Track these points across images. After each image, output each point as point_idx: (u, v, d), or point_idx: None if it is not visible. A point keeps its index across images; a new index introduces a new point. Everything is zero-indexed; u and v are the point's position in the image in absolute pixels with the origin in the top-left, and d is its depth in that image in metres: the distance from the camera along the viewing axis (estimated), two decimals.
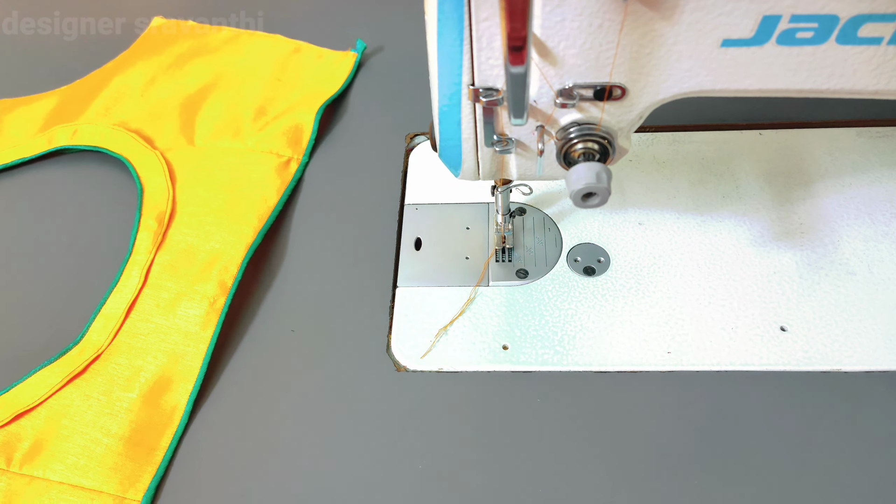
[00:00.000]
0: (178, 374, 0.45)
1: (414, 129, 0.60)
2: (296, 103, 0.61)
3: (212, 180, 0.54)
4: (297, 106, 0.61)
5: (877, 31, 0.31)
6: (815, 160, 0.54)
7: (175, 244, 0.50)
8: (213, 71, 0.64)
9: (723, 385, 0.43)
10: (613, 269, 0.49)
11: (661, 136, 0.57)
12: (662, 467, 0.40)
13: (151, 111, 0.61)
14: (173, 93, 0.62)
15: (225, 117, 0.60)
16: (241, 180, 0.54)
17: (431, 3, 0.32)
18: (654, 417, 0.42)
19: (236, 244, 0.50)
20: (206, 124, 0.60)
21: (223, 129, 0.59)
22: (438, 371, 0.45)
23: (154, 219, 0.51)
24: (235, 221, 0.51)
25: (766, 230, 0.50)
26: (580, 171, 0.34)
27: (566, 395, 0.43)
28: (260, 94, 0.62)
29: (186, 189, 0.54)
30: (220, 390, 0.45)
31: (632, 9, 0.31)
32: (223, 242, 0.50)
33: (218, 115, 0.60)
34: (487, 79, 0.34)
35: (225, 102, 0.61)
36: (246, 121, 0.59)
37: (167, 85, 0.64)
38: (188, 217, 0.52)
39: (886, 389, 0.42)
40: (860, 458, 0.40)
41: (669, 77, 0.34)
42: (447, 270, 0.50)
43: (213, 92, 0.62)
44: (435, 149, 0.41)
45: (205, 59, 0.66)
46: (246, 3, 0.72)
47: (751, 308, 0.46)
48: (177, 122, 0.60)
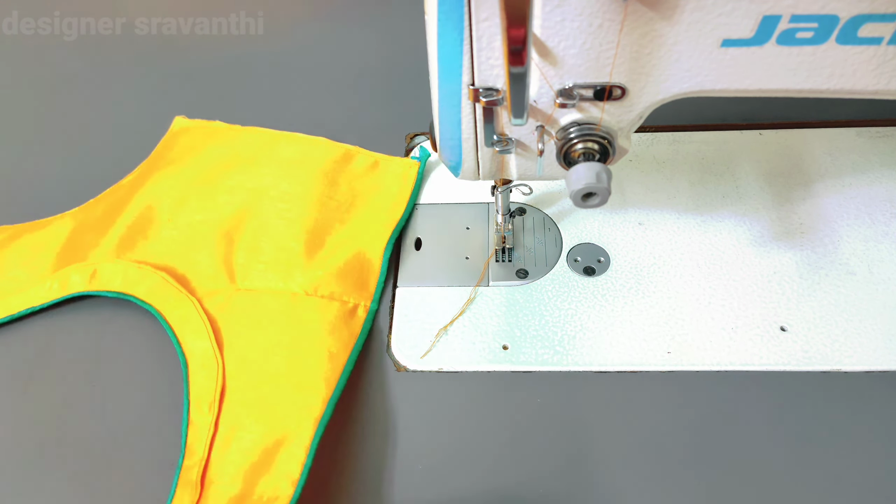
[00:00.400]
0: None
1: (414, 129, 0.60)
2: (356, 231, 0.51)
3: (265, 337, 0.45)
4: (357, 234, 0.51)
5: (877, 31, 0.31)
6: (815, 160, 0.54)
7: (228, 433, 0.41)
8: (251, 187, 0.53)
9: (723, 385, 0.43)
10: (613, 269, 0.49)
11: (661, 136, 0.57)
12: (662, 467, 0.40)
13: (183, 241, 0.51)
14: (207, 217, 0.52)
15: (270, 249, 0.50)
16: (301, 337, 0.45)
17: (431, 3, 0.32)
18: (654, 417, 0.42)
19: (302, 423, 0.41)
20: (249, 259, 0.49)
21: (270, 266, 0.49)
22: (438, 371, 0.45)
23: (205, 407, 0.42)
24: (298, 391, 0.42)
25: (766, 230, 0.50)
26: (580, 171, 0.34)
27: (566, 395, 0.43)
28: (309, 218, 0.51)
29: (235, 350, 0.45)
30: None
31: (632, 9, 0.31)
32: (286, 428, 0.41)
33: (262, 247, 0.50)
34: (487, 79, 0.34)
35: (268, 230, 0.51)
36: (296, 254, 0.49)
37: (198, 206, 0.53)
38: (240, 393, 0.43)
39: (886, 389, 0.42)
40: (860, 458, 0.40)
41: (669, 77, 0.34)
42: (447, 270, 0.50)
43: (253, 216, 0.52)
44: (435, 149, 0.41)
45: (239, 171, 0.55)
46: (246, 4, 0.72)
47: (751, 308, 0.46)
48: (214, 256, 0.50)
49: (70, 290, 0.49)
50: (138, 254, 0.50)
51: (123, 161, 0.59)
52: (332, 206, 0.52)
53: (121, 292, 0.48)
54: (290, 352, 0.44)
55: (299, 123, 0.62)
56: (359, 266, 0.49)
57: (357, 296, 0.48)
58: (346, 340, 0.45)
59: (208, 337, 0.45)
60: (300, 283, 0.48)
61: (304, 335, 0.45)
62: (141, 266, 0.49)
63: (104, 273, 0.49)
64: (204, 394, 0.43)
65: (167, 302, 0.47)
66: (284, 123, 0.62)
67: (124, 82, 0.68)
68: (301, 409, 0.41)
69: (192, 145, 0.58)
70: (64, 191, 0.58)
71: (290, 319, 0.46)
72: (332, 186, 0.54)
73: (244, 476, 0.39)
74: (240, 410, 0.42)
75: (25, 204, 0.58)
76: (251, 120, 0.63)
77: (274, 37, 0.71)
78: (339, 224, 0.52)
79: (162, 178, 0.55)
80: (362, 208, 0.53)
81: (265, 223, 0.51)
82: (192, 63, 0.69)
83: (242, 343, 0.45)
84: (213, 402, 0.42)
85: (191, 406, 0.43)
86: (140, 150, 0.59)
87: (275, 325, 0.46)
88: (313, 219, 0.51)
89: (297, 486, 0.39)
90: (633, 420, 0.42)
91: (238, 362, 0.44)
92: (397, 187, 0.54)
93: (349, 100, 0.64)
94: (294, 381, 0.43)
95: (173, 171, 0.55)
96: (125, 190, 0.55)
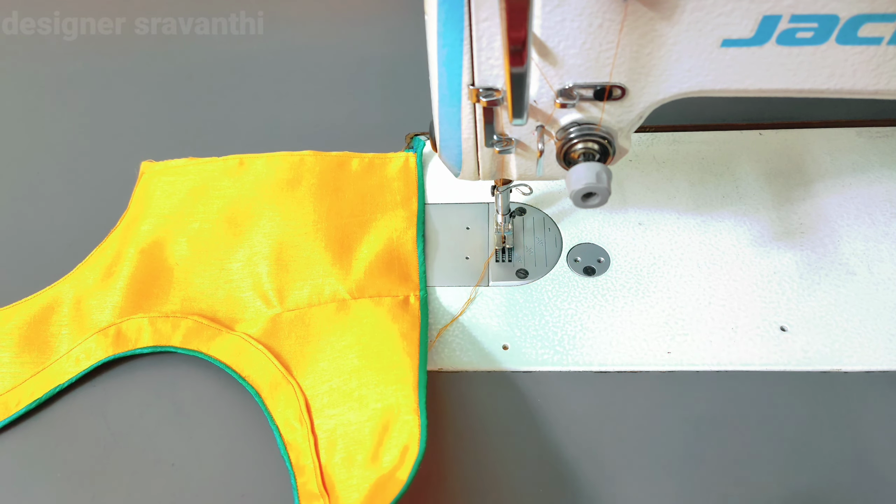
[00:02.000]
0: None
1: (414, 129, 0.60)
2: (379, 230, 0.51)
3: (330, 346, 0.44)
4: (381, 233, 0.51)
5: (877, 31, 0.31)
6: (815, 160, 0.54)
7: (330, 435, 0.40)
8: (254, 217, 0.52)
9: (723, 385, 0.43)
10: (613, 269, 0.49)
11: (661, 136, 0.57)
12: (662, 467, 0.40)
13: (199, 284, 0.49)
14: (217, 255, 0.50)
15: (301, 268, 0.48)
16: (366, 333, 0.44)
17: (431, 3, 0.32)
18: (654, 417, 0.42)
19: (400, 394, 0.40)
20: (282, 282, 0.48)
21: (307, 283, 0.48)
22: (438, 371, 0.45)
23: (296, 423, 0.41)
24: (385, 372, 0.41)
25: (766, 230, 0.50)
26: (580, 171, 0.34)
27: (566, 395, 0.43)
28: (327, 230, 0.50)
29: (304, 366, 0.44)
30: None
31: (632, 9, 0.31)
32: (387, 405, 0.40)
33: (291, 267, 0.49)
34: (487, 79, 0.34)
35: (290, 250, 0.49)
36: (328, 264, 0.48)
37: (205, 246, 0.51)
38: (327, 398, 0.42)
39: (886, 389, 0.42)
40: (860, 458, 0.40)
41: (669, 77, 0.34)
42: (447, 270, 0.50)
43: (269, 243, 0.50)
44: (435, 149, 0.41)
45: (236, 203, 0.53)
46: (246, 4, 0.72)
47: (751, 308, 0.46)
48: (241, 289, 0.48)
49: (95, 358, 0.45)
50: (155, 304, 0.48)
51: (124, 161, 0.59)
52: (345, 214, 0.52)
53: (155, 346, 0.45)
54: (361, 347, 0.43)
55: (299, 123, 0.62)
56: (396, 262, 0.49)
57: (405, 288, 0.47)
58: (412, 322, 0.45)
59: (270, 361, 0.44)
60: (344, 288, 0.47)
61: (368, 327, 0.44)
62: (167, 316, 0.46)
63: (129, 331, 0.46)
64: (289, 412, 0.42)
65: (210, 343, 0.45)
66: (284, 123, 0.62)
67: (124, 82, 0.68)
68: (394, 383, 0.40)
69: (172, 190, 0.54)
70: (64, 190, 0.58)
71: (348, 322, 0.45)
72: (336, 194, 0.53)
73: (367, 461, 0.38)
74: (332, 411, 0.41)
75: (25, 203, 0.58)
76: (251, 119, 0.63)
77: (274, 37, 0.71)
78: (358, 228, 0.51)
79: (154, 227, 0.52)
80: (376, 209, 0.52)
81: (285, 245, 0.50)
82: (192, 63, 0.69)
83: (308, 358, 0.44)
84: (302, 416, 0.41)
85: (280, 429, 0.41)
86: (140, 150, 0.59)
87: (335, 333, 0.45)
88: (332, 229, 0.51)
89: (421, 443, 0.38)
90: (633, 420, 0.42)
91: (313, 375, 0.43)
92: (402, 181, 0.54)
93: (349, 100, 0.64)
94: (377, 366, 0.42)
95: (162, 217, 0.53)
96: (118, 243, 0.51)
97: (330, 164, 0.55)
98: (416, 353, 0.42)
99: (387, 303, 0.46)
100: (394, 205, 0.53)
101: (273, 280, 0.48)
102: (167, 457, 0.42)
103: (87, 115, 0.65)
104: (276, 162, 0.55)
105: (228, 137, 0.62)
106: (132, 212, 0.54)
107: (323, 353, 0.44)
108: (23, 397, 0.44)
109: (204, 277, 0.49)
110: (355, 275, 0.48)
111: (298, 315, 0.46)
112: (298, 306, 0.47)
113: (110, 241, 0.52)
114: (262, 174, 0.54)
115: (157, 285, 0.49)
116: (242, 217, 0.52)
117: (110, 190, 0.57)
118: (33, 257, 0.53)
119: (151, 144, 0.61)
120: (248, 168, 0.55)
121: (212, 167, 0.55)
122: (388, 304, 0.46)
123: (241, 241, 0.51)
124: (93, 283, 0.49)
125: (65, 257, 0.51)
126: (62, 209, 0.57)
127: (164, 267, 0.50)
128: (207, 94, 0.66)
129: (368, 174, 0.55)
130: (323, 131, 0.61)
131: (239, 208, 0.52)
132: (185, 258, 0.50)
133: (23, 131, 0.65)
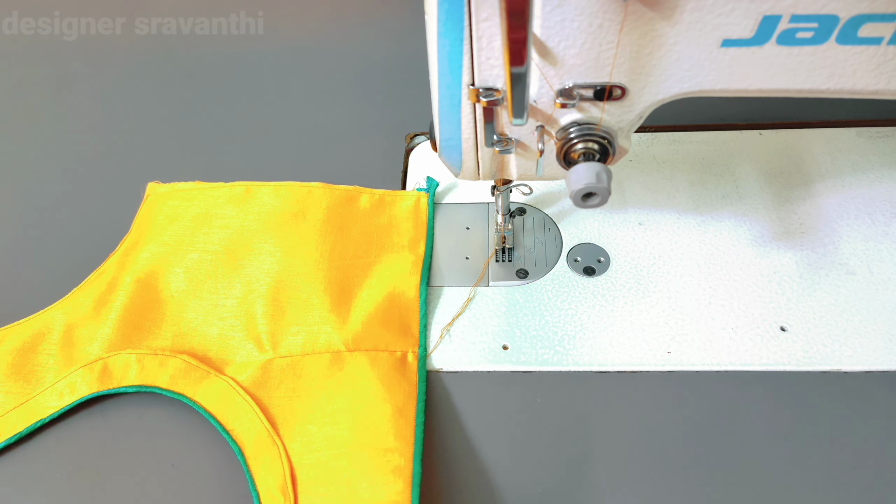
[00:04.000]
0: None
1: (414, 129, 0.60)
2: (382, 276, 0.48)
3: (319, 407, 0.42)
4: (385, 279, 0.48)
5: (877, 31, 0.31)
6: (815, 160, 0.54)
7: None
8: (256, 251, 0.50)
9: (723, 385, 0.43)
10: (613, 269, 0.49)
11: (661, 136, 0.57)
12: (662, 467, 0.40)
13: (192, 319, 0.47)
14: (214, 290, 0.48)
15: (296, 311, 0.47)
16: (360, 398, 0.41)
17: (431, 3, 0.32)
18: (654, 417, 0.42)
19: (396, 484, 0.38)
20: (276, 325, 0.46)
21: (302, 328, 0.46)
22: (438, 371, 0.45)
23: (277, 492, 0.38)
24: (377, 456, 0.39)
25: (766, 230, 0.50)
26: (580, 171, 0.34)
27: (566, 395, 0.43)
28: (328, 270, 0.48)
29: (291, 426, 0.41)
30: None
31: (632, 9, 0.31)
32: (375, 490, 0.37)
33: (286, 310, 0.47)
34: (487, 79, 0.34)
35: (288, 291, 0.47)
36: (325, 310, 0.46)
37: (202, 279, 0.49)
38: (314, 471, 0.39)
39: (886, 389, 0.42)
40: (860, 457, 0.40)
41: (669, 77, 0.34)
42: (447, 270, 0.50)
43: (267, 280, 0.48)
44: (435, 149, 0.41)
45: (238, 235, 0.51)
46: (246, 4, 0.72)
47: (751, 308, 0.46)
48: (234, 327, 0.47)
49: (79, 394, 0.43)
50: (146, 339, 0.46)
51: (124, 161, 0.59)
52: (349, 255, 0.49)
53: (140, 385, 0.44)
54: (353, 416, 0.41)
55: (299, 123, 0.62)
56: (396, 311, 0.46)
57: (403, 343, 0.45)
58: (408, 391, 0.42)
59: (256, 416, 0.41)
60: (340, 338, 0.45)
61: (362, 395, 0.41)
62: (155, 353, 0.45)
63: (116, 367, 0.44)
64: (272, 479, 0.39)
65: (197, 386, 0.43)
66: (284, 123, 0.62)
67: (124, 82, 0.68)
68: (387, 474, 0.38)
69: (175, 215, 0.52)
70: (63, 191, 0.58)
71: (341, 381, 0.43)
72: (342, 232, 0.50)
73: None
74: (319, 490, 0.38)
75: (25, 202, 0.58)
76: (251, 119, 0.63)
77: (274, 37, 0.71)
78: (360, 271, 0.49)
79: (153, 255, 0.50)
80: (381, 250, 0.50)
81: (282, 285, 0.48)
82: (192, 63, 0.70)
83: (297, 417, 0.42)
84: (286, 486, 0.38)
85: (262, 497, 0.38)
86: (140, 151, 0.59)
87: (327, 391, 0.42)
88: (333, 270, 0.48)
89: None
90: (633, 420, 0.42)
91: (300, 439, 0.41)
92: (411, 222, 0.52)
93: (349, 100, 0.64)
94: (370, 448, 0.39)
95: (162, 245, 0.50)
96: (114, 269, 0.50)
97: (338, 198, 0.52)
98: (412, 436, 0.40)
99: (383, 361, 0.43)
100: (400, 247, 0.50)
101: (268, 322, 0.46)
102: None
103: (87, 115, 0.65)
104: (283, 192, 0.53)
105: (228, 137, 0.62)
106: (133, 236, 0.52)
107: (313, 414, 0.42)
108: (3, 430, 0.43)
109: (197, 312, 0.47)
110: (353, 325, 0.45)
111: (290, 363, 0.44)
112: (291, 353, 0.45)
113: (108, 265, 0.50)
114: (268, 204, 0.52)
115: (149, 318, 0.47)
116: (243, 251, 0.50)
117: (110, 191, 0.57)
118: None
119: (151, 145, 0.61)
120: (254, 196, 0.53)
121: (217, 193, 0.53)
122: (385, 363, 0.43)
123: (238, 276, 0.49)
124: (85, 311, 0.47)
125: (63, 261, 0.51)
126: (61, 210, 0.57)
127: (159, 299, 0.48)
128: (207, 94, 0.66)
129: (377, 212, 0.52)
130: (322, 131, 0.61)
131: (240, 240, 0.50)
132: (180, 290, 0.48)
133: (23, 131, 0.65)
